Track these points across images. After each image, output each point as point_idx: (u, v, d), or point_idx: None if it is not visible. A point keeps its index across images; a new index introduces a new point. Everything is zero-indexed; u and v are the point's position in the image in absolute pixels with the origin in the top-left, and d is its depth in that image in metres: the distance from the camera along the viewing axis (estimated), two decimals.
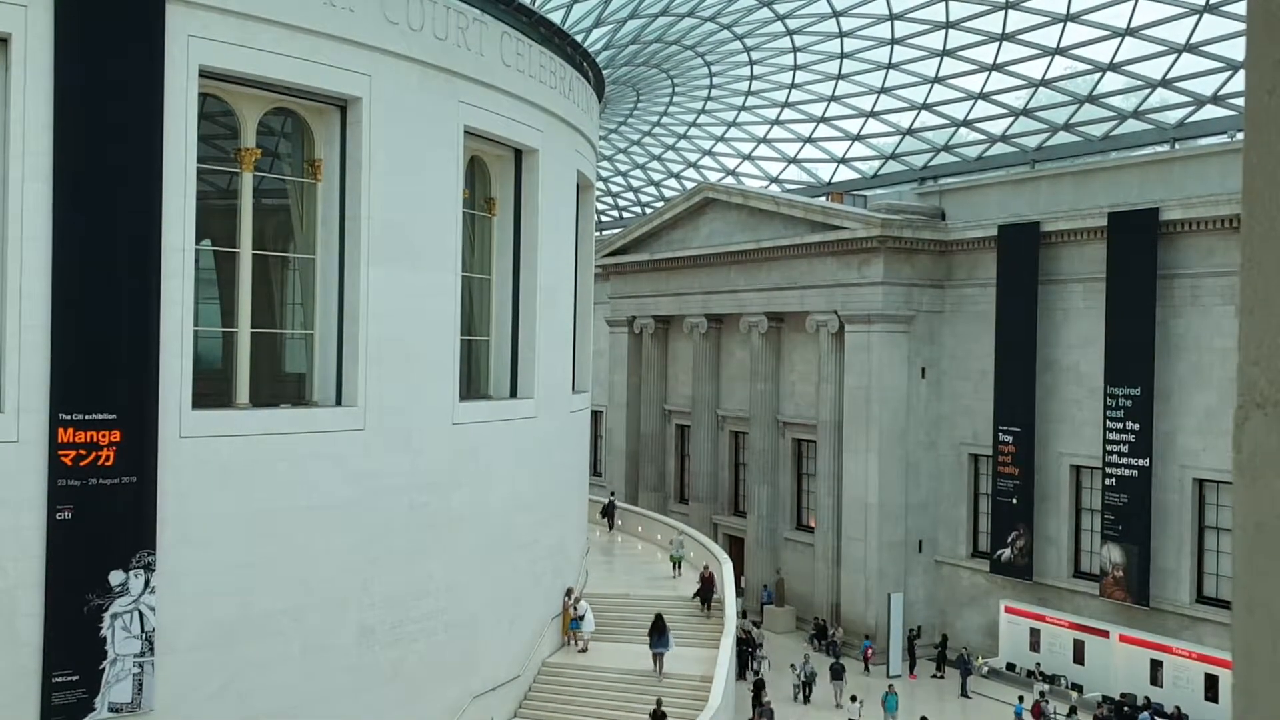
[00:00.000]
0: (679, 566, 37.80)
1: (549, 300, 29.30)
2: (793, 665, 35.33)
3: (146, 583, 19.32)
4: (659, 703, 26.60)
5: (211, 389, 22.94)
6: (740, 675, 33.32)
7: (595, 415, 50.77)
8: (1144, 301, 33.12)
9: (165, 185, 19.44)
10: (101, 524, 18.75)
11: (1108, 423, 33.98)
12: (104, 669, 18.92)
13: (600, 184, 63.57)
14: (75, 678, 18.65)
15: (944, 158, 47.71)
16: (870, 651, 37.97)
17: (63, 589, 18.50)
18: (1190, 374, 32.66)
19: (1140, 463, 33.10)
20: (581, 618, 30.28)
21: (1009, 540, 37.26)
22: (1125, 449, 33.47)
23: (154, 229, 19.32)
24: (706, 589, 33.26)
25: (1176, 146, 37.77)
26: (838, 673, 35.11)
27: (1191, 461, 32.60)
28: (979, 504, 39.77)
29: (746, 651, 35.15)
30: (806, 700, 34.07)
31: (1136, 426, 33.20)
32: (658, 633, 29.44)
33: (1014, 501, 37.05)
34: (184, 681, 19.97)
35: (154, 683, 19.47)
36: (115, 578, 19.00)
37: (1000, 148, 45.28)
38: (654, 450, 52.54)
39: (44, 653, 18.37)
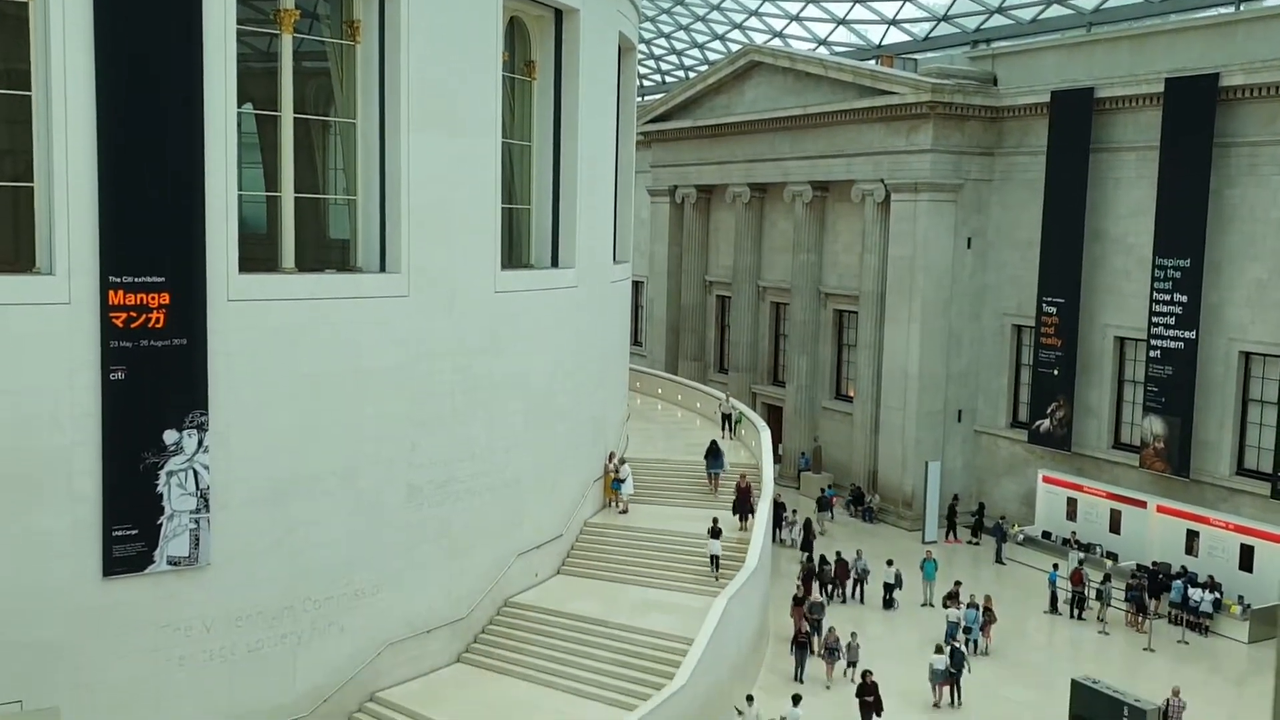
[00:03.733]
0: (730, 426, 37.77)
1: (590, 168, 29.00)
2: (885, 566, 31.90)
3: (200, 442, 19.87)
4: (715, 521, 28.17)
5: (257, 254, 23.08)
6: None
7: (636, 285, 50.74)
8: (1198, 170, 32.30)
9: (206, 46, 19.32)
10: (154, 384, 19.23)
11: (1155, 294, 33.54)
12: (161, 524, 19.62)
13: (642, 46, 62.25)
14: (134, 532, 19.38)
15: (997, 20, 46.09)
16: (834, 500, 39.45)
17: (119, 447, 19.09)
18: (1242, 245, 32.03)
19: (1186, 335, 32.76)
20: (622, 480, 30.91)
21: (1048, 411, 37.25)
22: (1172, 321, 33.10)
23: (196, 90, 19.28)
24: (743, 500, 29.47)
25: (1241, 8, 36.26)
26: (823, 505, 38.17)
27: (1239, 334, 32.23)
28: (1020, 375, 39.69)
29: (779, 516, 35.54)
30: (890, 605, 31.39)
31: (1184, 298, 32.77)
32: (713, 455, 32.28)
33: (1055, 373, 36.92)
34: (238, 537, 20.68)
35: (210, 537, 20.20)
36: (169, 437, 19.55)
37: (1056, 9, 43.58)
38: (694, 320, 52.63)
39: (103, 508, 19.05)
